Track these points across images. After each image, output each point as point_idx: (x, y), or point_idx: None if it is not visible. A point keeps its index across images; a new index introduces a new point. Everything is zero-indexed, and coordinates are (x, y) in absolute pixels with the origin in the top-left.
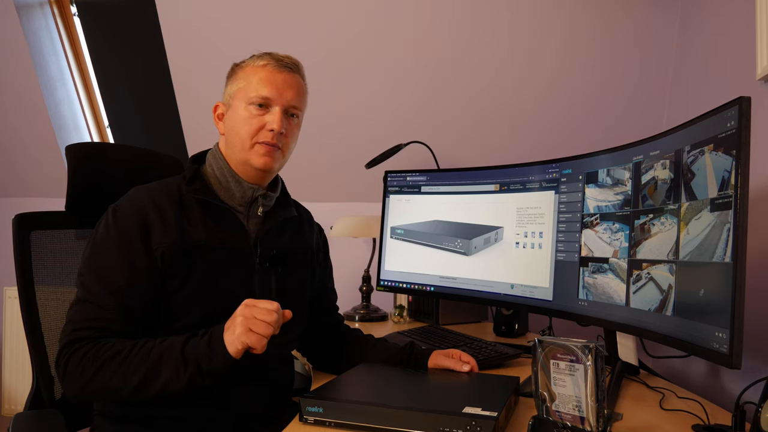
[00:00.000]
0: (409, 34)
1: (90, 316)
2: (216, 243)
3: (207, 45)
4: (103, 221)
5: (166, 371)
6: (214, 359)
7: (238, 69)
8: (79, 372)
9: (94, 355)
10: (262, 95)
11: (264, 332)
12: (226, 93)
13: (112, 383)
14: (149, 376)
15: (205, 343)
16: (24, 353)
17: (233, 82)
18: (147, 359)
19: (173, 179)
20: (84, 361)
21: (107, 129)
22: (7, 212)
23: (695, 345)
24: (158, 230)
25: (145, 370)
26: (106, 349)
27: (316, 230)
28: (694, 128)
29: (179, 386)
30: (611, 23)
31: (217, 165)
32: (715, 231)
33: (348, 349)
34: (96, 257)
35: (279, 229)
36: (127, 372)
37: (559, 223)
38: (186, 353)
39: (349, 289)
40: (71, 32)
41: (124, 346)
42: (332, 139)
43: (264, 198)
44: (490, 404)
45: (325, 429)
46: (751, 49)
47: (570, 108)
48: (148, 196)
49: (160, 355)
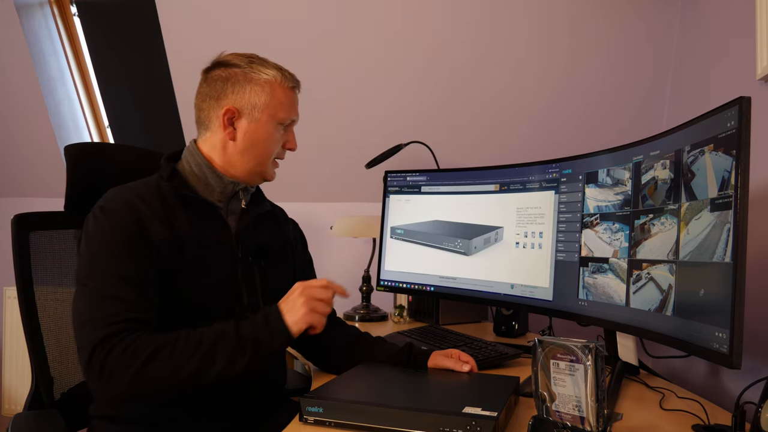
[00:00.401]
0: (408, 34)
1: (117, 310)
2: (200, 238)
3: (207, 45)
4: (92, 223)
5: (222, 357)
6: (275, 341)
7: (258, 78)
8: (126, 365)
9: (138, 347)
10: (293, 119)
11: (324, 311)
12: (245, 101)
13: (164, 374)
14: (205, 363)
15: (262, 325)
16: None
17: (255, 92)
18: (200, 346)
19: (150, 178)
20: (126, 355)
21: (107, 129)
22: (7, 212)
23: (695, 345)
24: (151, 225)
25: (200, 357)
26: (150, 341)
27: (292, 225)
28: (694, 128)
29: (235, 371)
30: (611, 24)
31: (194, 161)
32: (715, 231)
33: (347, 349)
34: (100, 256)
35: (257, 223)
36: (180, 360)
37: (559, 223)
38: (242, 337)
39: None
40: (71, 32)
41: (169, 337)
42: (332, 139)
43: (244, 192)
44: (490, 404)
45: (325, 429)
46: (751, 49)
47: (570, 108)
48: (132, 192)
49: (214, 341)
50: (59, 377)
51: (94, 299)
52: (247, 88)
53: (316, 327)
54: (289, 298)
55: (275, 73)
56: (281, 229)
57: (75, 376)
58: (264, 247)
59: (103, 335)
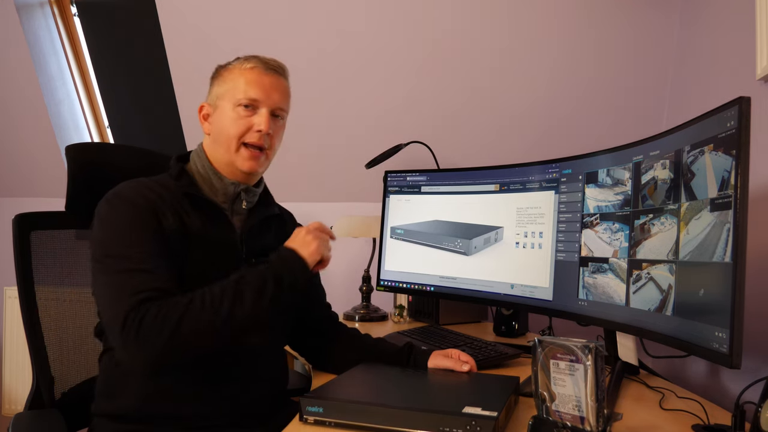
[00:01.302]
0: (408, 34)
1: (141, 281)
2: (207, 234)
3: (207, 45)
4: (105, 207)
5: (250, 295)
6: (295, 273)
7: (223, 71)
8: (161, 324)
9: (170, 307)
10: (250, 96)
11: (328, 246)
12: (212, 94)
13: (202, 323)
14: (236, 304)
15: (280, 262)
16: (24, 353)
17: (219, 83)
18: (226, 292)
19: (160, 176)
20: (160, 317)
21: (107, 129)
22: (7, 212)
23: (695, 345)
24: (163, 213)
25: (229, 300)
26: (180, 299)
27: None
28: (694, 128)
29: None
30: (611, 23)
31: (200, 163)
32: (715, 231)
33: (346, 349)
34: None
35: (263, 226)
36: (211, 309)
37: (559, 223)
38: (263, 275)
39: (349, 289)
40: (71, 32)
41: (194, 295)
42: (332, 139)
43: (246, 193)
44: (490, 404)
45: (325, 429)
46: (751, 49)
47: (570, 108)
48: (144, 185)
49: (237, 285)
50: (60, 377)
51: (118, 273)
52: (216, 82)
53: (325, 261)
54: (297, 237)
55: (240, 62)
56: (287, 234)
57: (75, 376)
58: (269, 249)
59: (133, 303)
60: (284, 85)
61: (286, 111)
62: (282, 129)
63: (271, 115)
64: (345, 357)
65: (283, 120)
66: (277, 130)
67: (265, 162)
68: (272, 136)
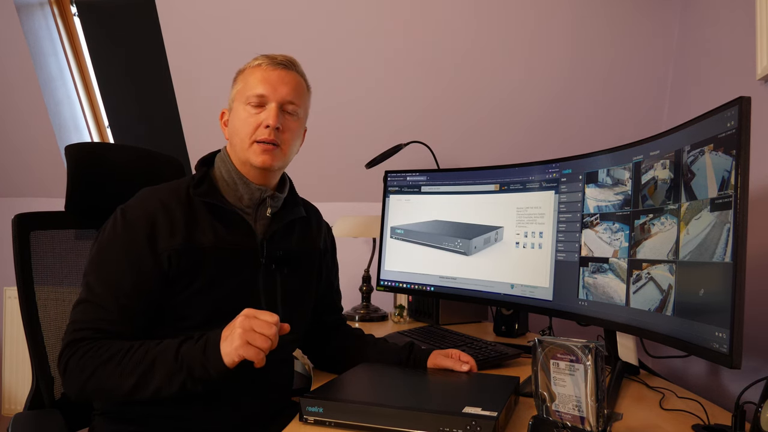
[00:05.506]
0: (409, 34)
1: (91, 317)
2: (222, 244)
3: (207, 45)
4: (111, 222)
5: (159, 376)
6: (207, 368)
7: (237, 74)
8: (79, 371)
9: (92, 355)
10: (257, 93)
11: (263, 346)
12: (229, 99)
13: (108, 385)
14: (142, 381)
15: (199, 349)
16: (24, 353)
17: (233, 87)
18: (141, 363)
19: (182, 180)
20: (83, 360)
21: (107, 129)
22: (7, 212)
23: (695, 345)
24: (165, 233)
25: (138, 373)
26: (104, 350)
27: (324, 230)
28: (694, 128)
29: (171, 390)
30: (611, 23)
31: (224, 167)
32: (715, 231)
33: (348, 349)
34: (102, 258)
35: (286, 230)
36: (122, 375)
37: (559, 223)
38: (180, 358)
39: (349, 289)
40: (71, 32)
41: (122, 347)
42: (332, 139)
43: (272, 199)
44: (490, 404)
45: (325, 429)
46: (751, 49)
47: (570, 108)
48: (157, 198)
49: (154, 360)
50: (60, 377)
51: (80, 302)
52: (233, 86)
53: (254, 362)
54: (230, 325)
55: (250, 61)
56: (312, 237)
57: None
58: (290, 254)
59: (72, 339)
60: (294, 79)
61: (298, 105)
62: (297, 124)
63: (281, 110)
64: (346, 357)
65: (298, 115)
66: (288, 125)
67: (282, 157)
68: (283, 130)
